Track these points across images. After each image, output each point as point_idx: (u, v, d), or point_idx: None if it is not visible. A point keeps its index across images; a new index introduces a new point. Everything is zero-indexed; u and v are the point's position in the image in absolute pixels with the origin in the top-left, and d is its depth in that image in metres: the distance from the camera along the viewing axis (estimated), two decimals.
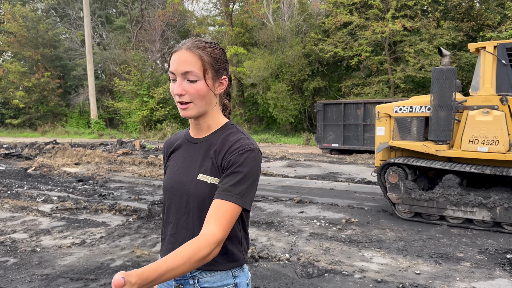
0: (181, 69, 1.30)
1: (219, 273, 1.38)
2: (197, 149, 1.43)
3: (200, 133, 1.44)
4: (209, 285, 1.37)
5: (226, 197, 1.25)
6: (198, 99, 1.32)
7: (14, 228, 5.65)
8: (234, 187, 1.27)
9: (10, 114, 32.94)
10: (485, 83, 5.50)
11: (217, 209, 1.24)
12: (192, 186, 1.37)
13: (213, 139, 1.41)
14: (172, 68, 1.33)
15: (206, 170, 1.36)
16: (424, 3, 18.77)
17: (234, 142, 1.35)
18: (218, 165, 1.34)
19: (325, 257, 4.42)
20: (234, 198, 1.25)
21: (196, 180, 1.36)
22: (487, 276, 3.92)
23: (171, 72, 1.33)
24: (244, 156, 1.30)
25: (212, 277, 1.37)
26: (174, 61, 1.32)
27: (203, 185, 1.35)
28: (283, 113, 21.64)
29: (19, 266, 4.26)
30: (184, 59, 1.30)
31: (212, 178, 1.34)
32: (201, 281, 1.37)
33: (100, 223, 5.92)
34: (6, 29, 31.71)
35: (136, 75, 25.42)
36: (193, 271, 1.36)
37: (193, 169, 1.40)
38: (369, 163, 12.00)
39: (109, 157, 13.51)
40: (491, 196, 5.32)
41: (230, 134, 1.39)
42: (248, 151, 1.31)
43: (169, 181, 1.45)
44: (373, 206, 6.77)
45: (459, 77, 17.72)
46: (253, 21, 24.72)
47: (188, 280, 1.39)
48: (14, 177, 9.89)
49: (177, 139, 1.54)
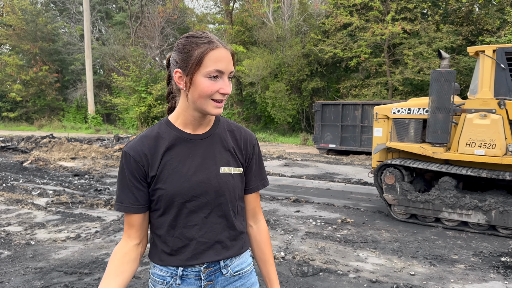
0: (230, 68, 1.29)
1: (245, 254, 1.50)
2: (205, 145, 1.39)
3: (201, 128, 1.40)
4: (239, 268, 1.46)
5: (262, 186, 1.53)
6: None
7: (9, 221, 5.62)
8: (263, 174, 1.54)
9: (7, 107, 32.77)
10: (484, 87, 5.52)
11: (258, 199, 1.54)
12: (217, 180, 1.37)
13: (219, 131, 1.44)
14: (221, 67, 1.26)
15: (228, 162, 1.41)
16: (424, 6, 18.81)
17: (242, 132, 1.49)
18: (241, 156, 1.45)
19: (320, 256, 4.42)
20: (266, 183, 1.56)
21: (220, 174, 1.38)
22: (481, 278, 3.93)
23: (219, 71, 1.26)
24: (257, 145, 1.52)
25: (240, 259, 1.47)
26: (222, 60, 1.27)
27: (228, 178, 1.39)
28: (281, 112, 21.62)
29: (13, 258, 4.24)
30: (229, 58, 1.29)
31: (235, 169, 1.42)
32: (232, 266, 1.44)
33: (95, 217, 5.90)
34: (5, 22, 31.53)
35: (135, 71, 25.32)
36: (226, 258, 1.42)
37: (211, 164, 1.38)
38: (366, 164, 12.01)
39: (105, 152, 13.47)
40: (487, 199, 5.34)
41: (230, 125, 1.50)
42: (255, 139, 1.53)
43: (182, 184, 1.33)
44: (369, 207, 6.79)
45: (457, 81, 17.77)
46: (253, 20, 24.68)
47: (221, 271, 1.42)
48: (9, 170, 9.85)
49: (159, 141, 1.35)
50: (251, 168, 1.49)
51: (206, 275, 1.39)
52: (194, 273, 1.38)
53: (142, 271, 3.94)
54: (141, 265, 4.10)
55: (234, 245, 1.43)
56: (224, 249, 1.41)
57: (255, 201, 1.53)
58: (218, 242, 1.39)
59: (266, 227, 1.56)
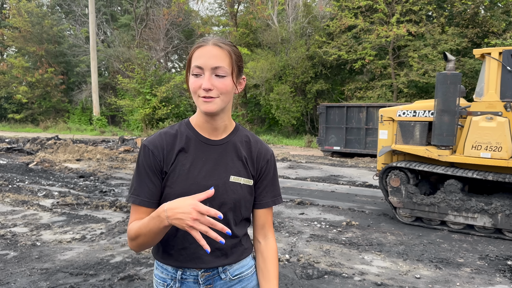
0: (211, 64, 1.27)
1: (245, 259, 1.49)
2: (220, 151, 1.41)
3: (217, 133, 1.41)
4: (239, 272, 1.46)
5: (272, 204, 1.49)
6: (224, 94, 1.30)
7: (15, 222, 5.65)
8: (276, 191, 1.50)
9: (12, 108, 32.94)
10: (490, 89, 5.50)
11: (269, 216, 1.50)
12: (224, 188, 1.37)
13: (235, 140, 1.44)
14: (199, 62, 1.27)
15: (238, 172, 1.41)
16: (429, 9, 18.76)
17: (258, 145, 1.49)
18: (252, 169, 1.44)
19: (325, 259, 4.41)
20: (279, 199, 1.52)
21: (229, 183, 1.38)
22: (487, 282, 3.91)
23: (198, 67, 1.28)
24: (272, 160, 1.50)
25: (239, 264, 1.47)
26: (202, 56, 1.28)
27: (236, 187, 1.39)
28: (285, 114, 21.61)
29: (19, 259, 4.26)
30: (214, 53, 1.27)
31: (244, 179, 1.42)
32: (231, 271, 1.44)
33: (100, 219, 5.92)
34: (11, 24, 31.74)
35: (140, 73, 25.38)
36: (224, 265, 1.42)
37: (221, 171, 1.38)
38: (371, 167, 11.98)
39: (110, 154, 13.52)
40: (493, 202, 5.31)
41: (248, 136, 1.49)
42: (271, 154, 1.51)
43: (190, 187, 1.34)
44: (374, 210, 6.76)
45: (462, 84, 17.68)
46: (258, 22, 24.71)
47: (219, 275, 1.42)
48: (15, 171, 9.90)
49: (175, 139, 1.39)
50: (262, 182, 1.47)
51: (204, 279, 1.40)
52: (193, 277, 1.40)
53: (147, 272, 3.95)
54: (146, 266, 4.10)
55: (233, 253, 1.44)
56: (223, 256, 1.41)
57: (265, 217, 1.49)
58: (218, 249, 1.40)
59: (275, 245, 1.51)
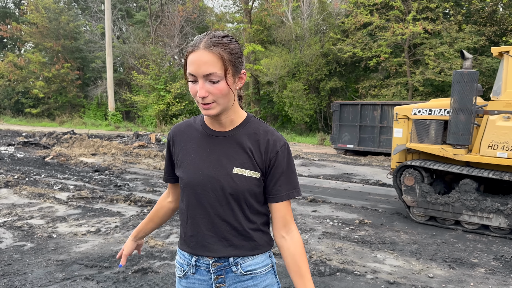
0: (202, 71, 1.25)
1: (260, 256, 1.47)
2: (224, 143, 1.42)
3: (222, 127, 1.43)
4: (252, 268, 1.45)
5: (286, 197, 1.43)
6: (221, 98, 1.30)
7: (32, 214, 5.76)
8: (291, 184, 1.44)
9: (29, 103, 33.45)
10: (508, 88, 5.41)
11: (288, 208, 1.44)
12: (227, 180, 1.38)
13: (242, 133, 1.43)
14: (192, 70, 1.27)
15: (243, 164, 1.40)
16: (446, 6, 18.48)
17: (268, 136, 1.42)
18: (260, 161, 1.41)
19: (337, 257, 4.41)
20: (295, 193, 1.45)
21: (232, 174, 1.39)
22: (502, 283, 3.86)
23: (191, 74, 1.28)
24: (284, 151, 1.42)
25: (253, 260, 1.46)
26: (194, 63, 1.26)
27: (240, 179, 1.39)
28: (299, 112, 21.54)
29: (35, 251, 4.35)
30: (204, 60, 1.25)
31: (249, 172, 1.40)
32: (243, 265, 1.44)
33: (115, 212, 6.00)
34: (29, 20, 32.22)
35: (154, 69, 25.55)
36: (235, 257, 1.43)
37: (225, 163, 1.40)
38: (384, 165, 11.89)
39: (125, 149, 13.66)
40: (509, 203, 5.24)
41: (259, 128, 1.44)
42: (283, 145, 1.43)
43: (195, 176, 1.41)
44: (387, 208, 6.72)
45: (479, 82, 17.40)
46: (272, 19, 24.64)
47: (230, 267, 1.44)
48: (32, 164, 10.09)
49: (188, 129, 1.50)
50: (274, 175, 1.42)
51: (215, 269, 1.44)
52: (205, 266, 1.45)
53: (161, 266, 4.00)
54: (159, 260, 4.15)
55: (243, 245, 1.44)
56: (231, 246, 1.43)
57: (284, 210, 1.44)
58: (224, 239, 1.42)
59: (300, 238, 1.45)
